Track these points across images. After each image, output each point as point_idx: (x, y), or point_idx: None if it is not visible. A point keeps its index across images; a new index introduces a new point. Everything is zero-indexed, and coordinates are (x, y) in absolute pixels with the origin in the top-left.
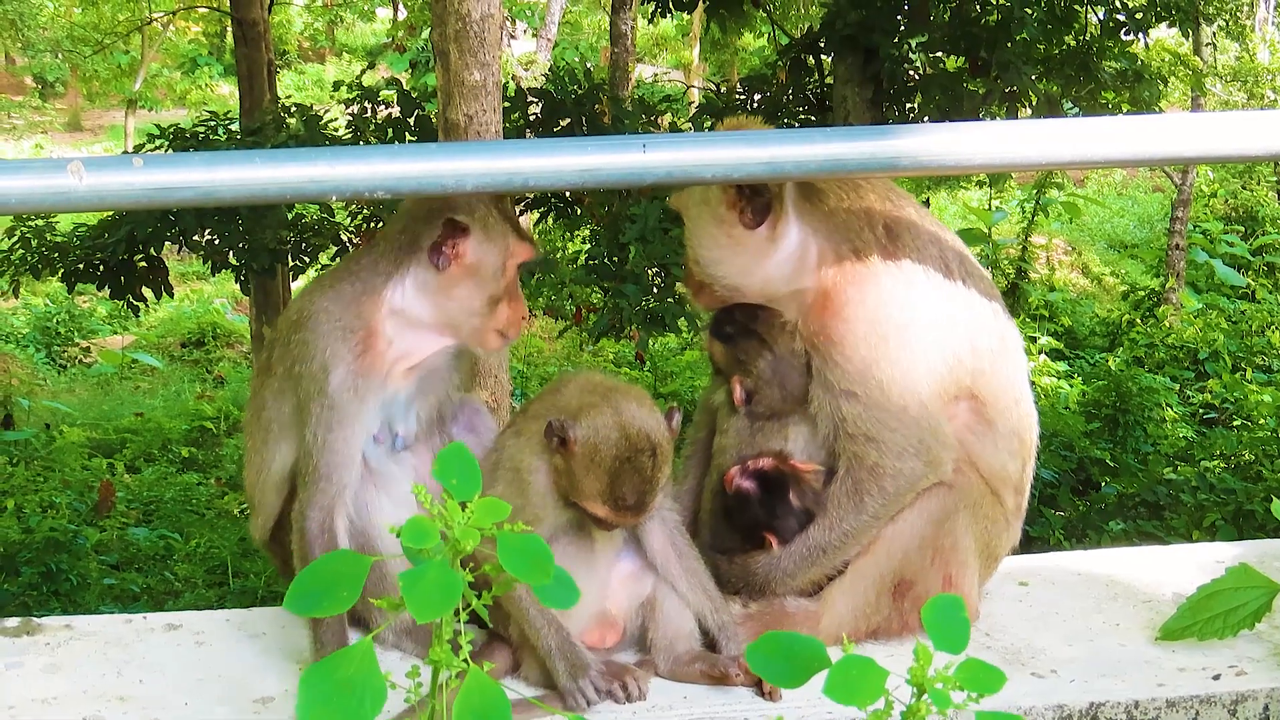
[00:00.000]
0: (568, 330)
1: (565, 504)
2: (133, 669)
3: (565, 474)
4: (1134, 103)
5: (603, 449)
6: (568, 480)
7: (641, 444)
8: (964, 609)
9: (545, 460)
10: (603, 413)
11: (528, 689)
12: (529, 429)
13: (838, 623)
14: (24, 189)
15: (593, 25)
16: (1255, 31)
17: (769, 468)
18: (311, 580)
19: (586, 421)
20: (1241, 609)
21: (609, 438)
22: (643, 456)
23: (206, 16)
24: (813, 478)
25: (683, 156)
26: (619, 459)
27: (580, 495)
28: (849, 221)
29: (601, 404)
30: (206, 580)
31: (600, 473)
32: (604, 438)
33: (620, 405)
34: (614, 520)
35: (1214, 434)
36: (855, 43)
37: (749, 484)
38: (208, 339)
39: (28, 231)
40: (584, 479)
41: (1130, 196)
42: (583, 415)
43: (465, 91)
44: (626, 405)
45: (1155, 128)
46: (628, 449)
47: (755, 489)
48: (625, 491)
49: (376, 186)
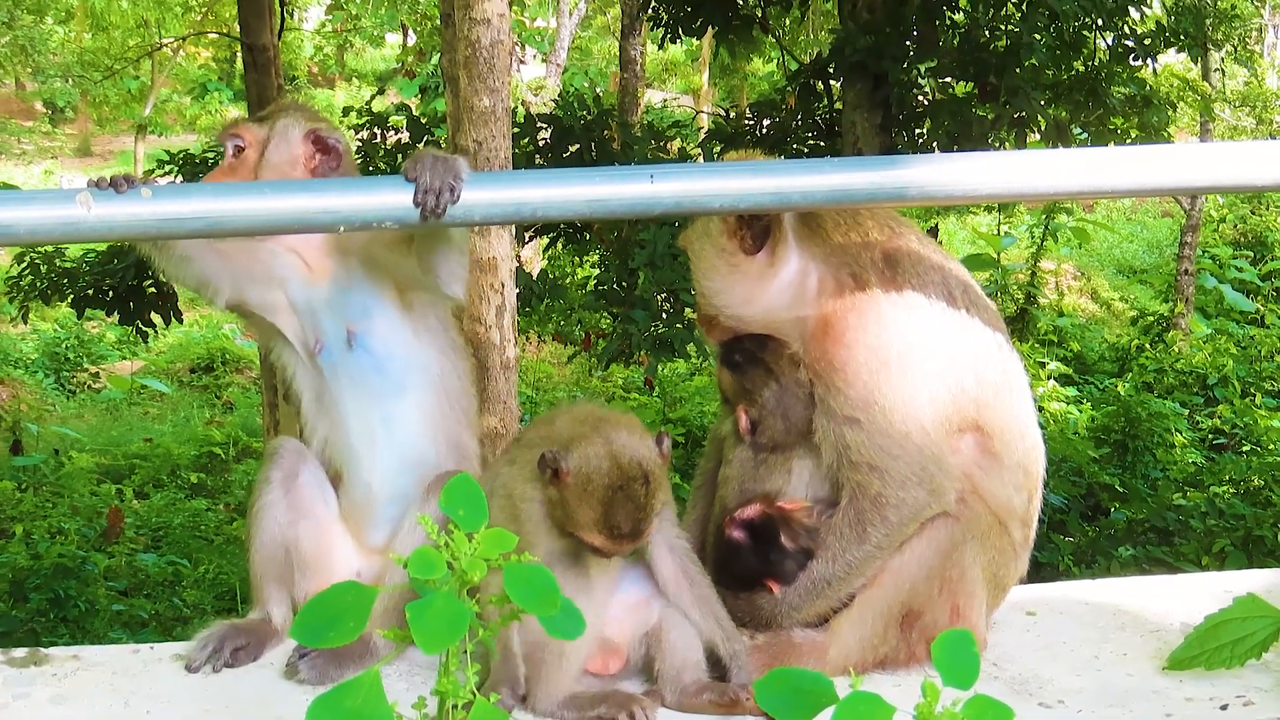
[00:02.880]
0: (576, 356)
1: (561, 533)
2: (140, 699)
3: (560, 504)
4: (1142, 128)
5: (595, 478)
6: (563, 511)
7: (633, 471)
8: (974, 644)
9: (539, 490)
10: (593, 442)
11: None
12: (522, 458)
13: (845, 653)
14: (33, 220)
15: (602, 51)
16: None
17: (755, 515)
18: (319, 611)
19: (578, 452)
20: (1249, 639)
21: (600, 467)
22: (635, 484)
23: (216, 42)
24: (803, 515)
25: (690, 187)
26: (611, 487)
27: (576, 525)
28: (849, 250)
29: (592, 434)
30: (215, 607)
31: (594, 502)
32: (595, 467)
33: (610, 434)
34: (610, 548)
35: (1223, 459)
36: (864, 68)
37: (738, 534)
38: (216, 365)
39: (37, 258)
40: (578, 509)
41: (1139, 222)
42: (574, 446)
43: (475, 117)
44: (616, 434)
45: (1165, 158)
46: (620, 477)
47: (745, 539)
48: (619, 520)
49: (385, 218)
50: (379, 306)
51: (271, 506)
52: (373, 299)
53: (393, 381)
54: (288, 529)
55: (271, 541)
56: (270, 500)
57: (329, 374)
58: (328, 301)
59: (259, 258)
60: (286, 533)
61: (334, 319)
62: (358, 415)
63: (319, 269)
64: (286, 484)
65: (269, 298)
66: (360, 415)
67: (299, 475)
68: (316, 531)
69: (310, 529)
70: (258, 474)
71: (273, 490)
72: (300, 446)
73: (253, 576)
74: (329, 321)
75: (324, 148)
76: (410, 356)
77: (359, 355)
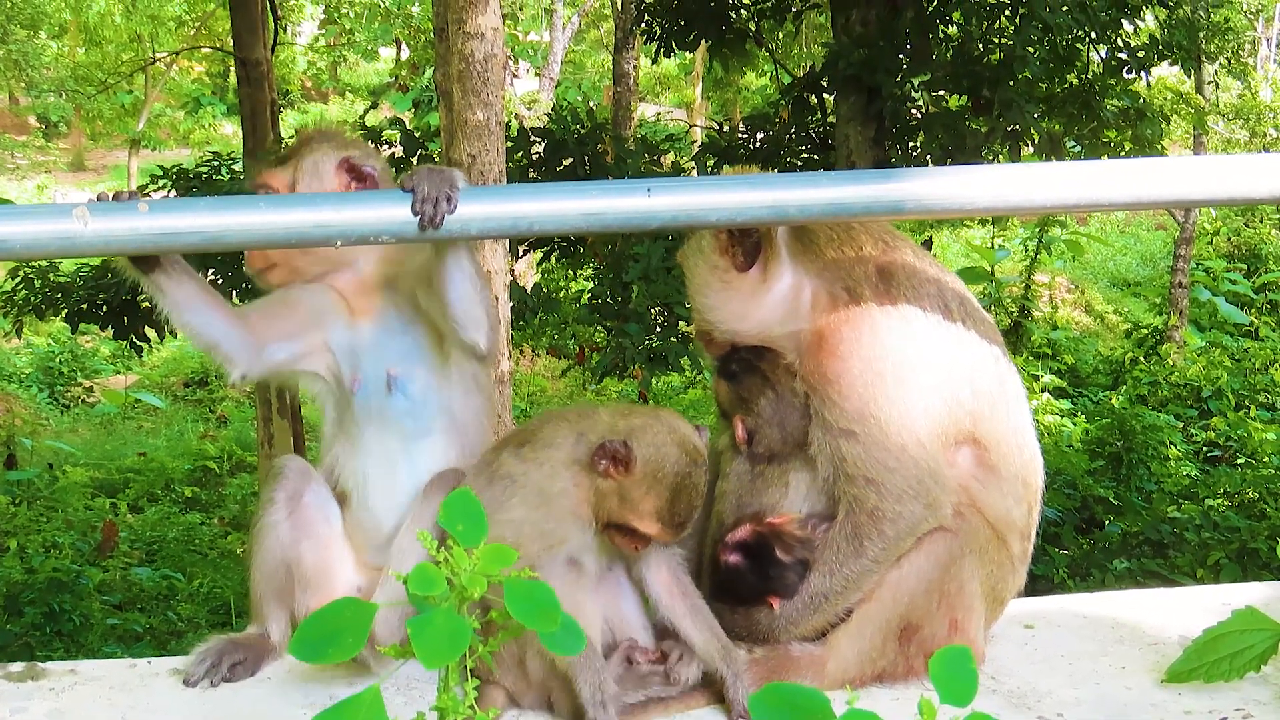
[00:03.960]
0: (571, 369)
1: (591, 525)
2: (137, 714)
3: (616, 494)
4: (1136, 141)
5: (665, 465)
6: (619, 500)
7: (698, 458)
8: (972, 660)
9: (578, 483)
10: (659, 431)
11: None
12: (550, 456)
13: (843, 667)
14: (29, 234)
15: (596, 65)
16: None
17: (747, 536)
18: (317, 627)
19: (646, 440)
20: (1248, 651)
21: (670, 455)
22: (700, 471)
23: (210, 56)
24: (793, 527)
25: (687, 200)
26: (680, 474)
27: (634, 514)
28: (843, 264)
29: (654, 423)
30: (210, 621)
31: (661, 489)
32: (665, 455)
33: (672, 423)
34: (665, 537)
35: (1218, 472)
36: (858, 82)
37: (734, 558)
38: (210, 379)
39: (31, 272)
40: (643, 498)
41: (1133, 234)
42: (639, 434)
43: (468, 131)
44: (676, 422)
45: (1161, 171)
46: (688, 464)
47: (741, 560)
48: (681, 508)
49: (381, 232)
50: (420, 351)
51: (275, 526)
52: (414, 343)
53: (423, 424)
54: (290, 548)
55: (273, 559)
56: (274, 520)
57: (359, 409)
58: (370, 344)
59: (299, 311)
60: (289, 551)
61: (375, 361)
62: (379, 448)
63: (362, 310)
64: (291, 504)
65: (303, 347)
66: (382, 448)
67: (303, 495)
68: (319, 550)
69: (313, 548)
70: (261, 492)
71: (277, 510)
72: (305, 466)
73: (253, 593)
74: (370, 364)
75: (359, 175)
76: (442, 401)
77: (396, 398)
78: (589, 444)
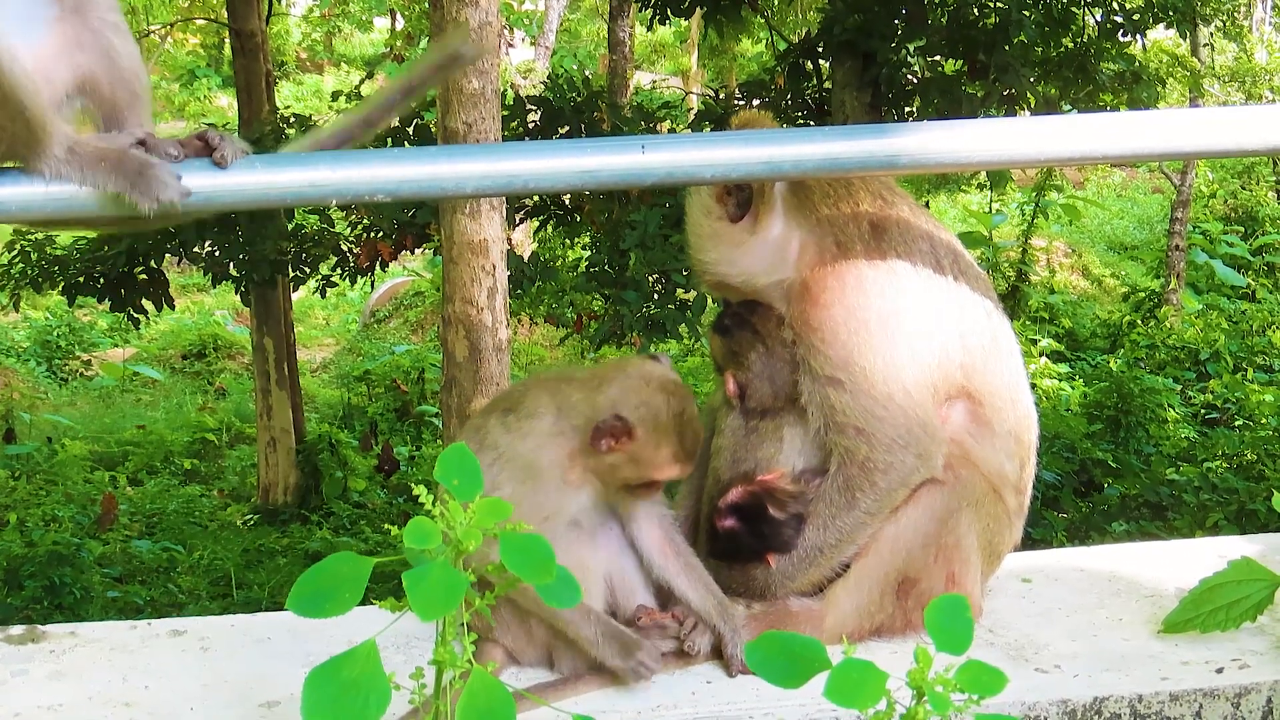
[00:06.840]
0: (569, 338)
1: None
2: (138, 675)
3: (628, 461)
4: (1132, 104)
5: (661, 414)
6: (632, 466)
7: (682, 391)
8: (968, 610)
9: (570, 455)
10: (637, 386)
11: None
12: (534, 427)
13: (841, 621)
14: (24, 196)
15: (591, 33)
16: (1253, 32)
17: (739, 498)
18: (315, 582)
19: (633, 401)
20: (1244, 602)
21: (658, 402)
22: (688, 400)
23: (204, 28)
24: (784, 482)
25: (682, 157)
26: (675, 413)
27: (652, 468)
28: (836, 220)
29: (628, 380)
30: (210, 592)
31: (668, 435)
32: (656, 405)
33: (641, 370)
34: (682, 473)
35: (1216, 434)
36: (853, 47)
37: (730, 522)
38: (209, 351)
39: (28, 245)
40: (654, 452)
41: (1130, 198)
42: (623, 400)
43: (464, 100)
44: (643, 367)
45: (1154, 123)
46: (676, 400)
47: (737, 523)
48: (689, 440)
49: (377, 190)
50: None
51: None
52: None
53: None
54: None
55: None
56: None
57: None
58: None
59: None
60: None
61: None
62: None
63: None
64: None
65: None
66: None
67: None
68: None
69: None
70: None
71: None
72: None
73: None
74: None
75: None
76: None
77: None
78: (571, 425)
